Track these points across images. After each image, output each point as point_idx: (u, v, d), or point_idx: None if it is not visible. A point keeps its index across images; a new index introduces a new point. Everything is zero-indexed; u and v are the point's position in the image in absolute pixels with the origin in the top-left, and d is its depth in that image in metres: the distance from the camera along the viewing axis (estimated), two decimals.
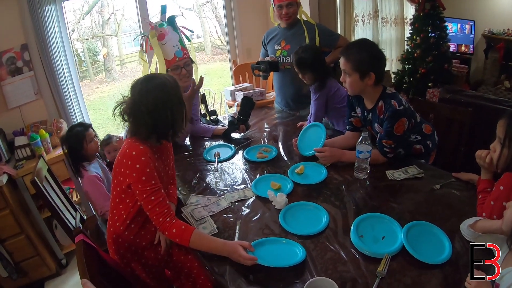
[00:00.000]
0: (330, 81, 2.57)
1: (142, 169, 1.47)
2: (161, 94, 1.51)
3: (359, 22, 5.15)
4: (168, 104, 1.53)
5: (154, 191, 1.49)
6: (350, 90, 2.01)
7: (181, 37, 2.43)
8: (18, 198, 2.81)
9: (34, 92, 3.29)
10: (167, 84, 1.54)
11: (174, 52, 2.36)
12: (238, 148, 2.46)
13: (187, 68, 2.43)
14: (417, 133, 2.09)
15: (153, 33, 2.30)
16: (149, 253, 1.74)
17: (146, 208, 1.51)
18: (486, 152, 1.47)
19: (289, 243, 1.48)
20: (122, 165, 1.51)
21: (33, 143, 2.96)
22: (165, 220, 1.49)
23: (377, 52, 1.92)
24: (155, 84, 1.53)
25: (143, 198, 1.49)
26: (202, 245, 1.49)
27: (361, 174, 1.92)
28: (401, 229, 1.46)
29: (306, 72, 2.51)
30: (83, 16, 10.43)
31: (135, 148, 1.50)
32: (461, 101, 3.16)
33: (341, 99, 2.56)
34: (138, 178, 1.47)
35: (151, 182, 1.49)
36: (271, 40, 3.07)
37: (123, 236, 1.66)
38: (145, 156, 1.49)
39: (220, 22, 11.73)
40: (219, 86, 8.42)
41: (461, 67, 5.22)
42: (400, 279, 1.25)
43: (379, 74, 1.92)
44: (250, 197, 1.86)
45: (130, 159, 1.48)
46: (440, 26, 4.44)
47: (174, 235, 1.48)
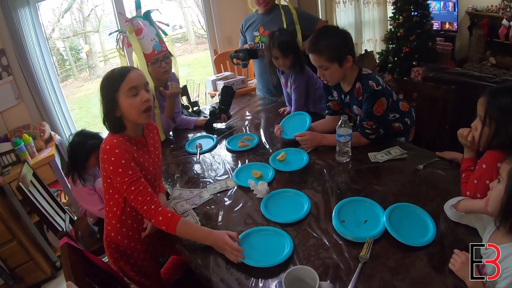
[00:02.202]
0: (306, 66, 2.51)
1: (117, 161, 1.46)
2: (103, 83, 1.54)
3: (340, 4, 5.11)
4: (104, 94, 1.54)
5: (132, 181, 1.47)
6: (332, 81, 1.96)
7: (158, 31, 2.39)
8: (8, 205, 2.77)
9: (15, 96, 3.24)
10: (108, 74, 1.54)
11: (153, 46, 2.32)
12: (220, 138, 2.43)
13: (166, 61, 2.39)
14: (395, 111, 2.07)
15: (130, 29, 2.25)
16: (144, 255, 1.75)
17: (130, 199, 1.50)
18: (468, 131, 1.45)
19: (276, 233, 1.46)
20: (102, 161, 1.50)
21: (17, 149, 2.91)
22: (150, 208, 1.47)
23: (343, 32, 1.88)
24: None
25: (124, 190, 1.48)
26: (188, 233, 1.48)
27: (343, 157, 1.89)
28: (383, 212, 1.43)
29: (289, 55, 2.43)
30: (62, 14, 10.22)
31: (109, 142, 1.49)
32: (444, 79, 3.14)
33: (316, 81, 2.54)
34: (115, 171, 1.46)
35: (128, 173, 1.47)
36: (249, 26, 3.01)
37: (117, 240, 1.67)
38: (118, 148, 1.47)
39: (203, 12, 11.60)
40: (204, 75, 8.29)
41: (445, 45, 5.21)
42: (384, 263, 1.23)
43: (354, 54, 1.88)
44: (232, 188, 1.84)
45: (106, 153, 1.47)
46: (423, 4, 4.44)
47: (160, 222, 1.46)
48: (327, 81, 1.96)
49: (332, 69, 1.86)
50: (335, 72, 1.88)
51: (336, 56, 1.82)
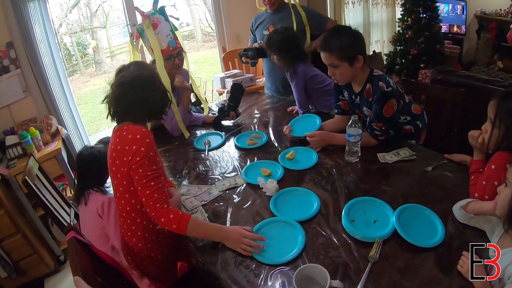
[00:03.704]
0: (303, 66, 2.52)
1: (147, 152, 1.42)
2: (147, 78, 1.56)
3: (349, 5, 5.10)
4: (153, 87, 1.58)
5: (155, 176, 1.43)
6: (342, 80, 1.96)
7: (172, 27, 2.41)
8: (13, 198, 2.78)
9: (22, 90, 3.24)
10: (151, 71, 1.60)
11: (168, 42, 2.34)
12: (229, 136, 2.44)
13: (179, 57, 2.43)
14: (406, 114, 2.06)
15: (147, 23, 2.26)
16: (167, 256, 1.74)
17: (143, 194, 1.44)
18: (478, 132, 1.47)
19: (289, 224, 1.48)
20: (123, 154, 1.45)
21: (24, 142, 2.91)
22: (162, 207, 1.42)
23: (356, 32, 1.89)
24: (143, 70, 1.58)
25: (143, 183, 1.42)
26: (199, 231, 1.45)
27: (352, 157, 1.90)
28: (393, 212, 1.43)
29: (274, 53, 2.51)
30: (70, 10, 10.27)
31: (138, 131, 1.45)
32: (453, 82, 3.13)
33: (321, 80, 2.55)
34: (141, 162, 1.41)
35: (153, 167, 1.43)
36: (259, 25, 3.02)
37: (138, 248, 1.64)
38: (149, 138, 1.45)
39: (210, 9, 11.61)
40: (210, 73, 8.33)
41: (453, 47, 5.20)
42: (393, 263, 1.24)
43: (365, 55, 1.89)
44: (241, 185, 1.84)
45: (134, 143, 1.42)
46: (432, 6, 4.43)
47: (171, 220, 1.41)
48: (337, 80, 1.97)
49: (343, 68, 1.87)
50: (345, 71, 1.88)
51: (346, 55, 1.83)
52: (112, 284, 1.46)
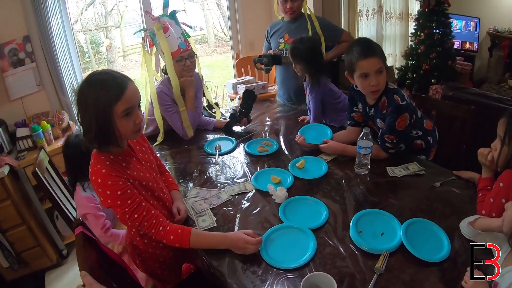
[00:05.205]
0: (324, 78, 2.53)
1: (113, 194, 1.37)
2: (92, 92, 1.40)
3: (363, 17, 5.11)
4: (93, 105, 1.38)
5: (133, 209, 1.40)
6: (383, 85, 1.92)
7: (183, 31, 2.45)
8: (20, 189, 2.82)
9: (36, 83, 3.29)
10: (100, 83, 1.39)
11: (178, 44, 2.38)
12: (239, 141, 2.46)
13: (191, 59, 2.46)
14: (418, 129, 2.08)
15: (158, 26, 2.31)
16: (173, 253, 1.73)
17: (135, 226, 1.47)
18: (488, 150, 1.48)
19: (301, 231, 1.50)
20: (97, 193, 1.42)
21: (35, 135, 2.96)
22: (158, 230, 1.44)
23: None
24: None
25: (127, 219, 1.41)
26: (202, 242, 1.46)
27: (362, 169, 1.92)
28: (400, 226, 1.45)
29: (298, 62, 2.49)
30: (86, 7, 10.37)
31: (98, 174, 1.37)
32: (463, 99, 3.14)
33: (336, 96, 2.56)
34: (113, 204, 1.39)
35: (127, 202, 1.39)
36: (275, 33, 3.06)
37: (143, 245, 1.65)
38: (110, 179, 1.37)
39: (224, 15, 11.66)
40: (221, 78, 8.38)
41: (465, 64, 5.20)
42: (398, 276, 1.25)
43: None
44: (250, 191, 1.86)
45: (99, 186, 1.37)
46: (445, 22, 4.43)
47: (173, 241, 1.44)
48: (378, 88, 1.90)
49: (384, 73, 1.87)
50: (385, 77, 1.90)
51: (384, 58, 1.88)
52: (117, 281, 1.47)
